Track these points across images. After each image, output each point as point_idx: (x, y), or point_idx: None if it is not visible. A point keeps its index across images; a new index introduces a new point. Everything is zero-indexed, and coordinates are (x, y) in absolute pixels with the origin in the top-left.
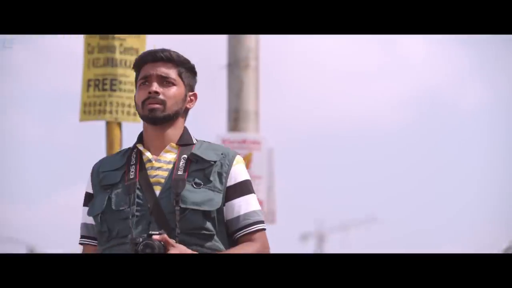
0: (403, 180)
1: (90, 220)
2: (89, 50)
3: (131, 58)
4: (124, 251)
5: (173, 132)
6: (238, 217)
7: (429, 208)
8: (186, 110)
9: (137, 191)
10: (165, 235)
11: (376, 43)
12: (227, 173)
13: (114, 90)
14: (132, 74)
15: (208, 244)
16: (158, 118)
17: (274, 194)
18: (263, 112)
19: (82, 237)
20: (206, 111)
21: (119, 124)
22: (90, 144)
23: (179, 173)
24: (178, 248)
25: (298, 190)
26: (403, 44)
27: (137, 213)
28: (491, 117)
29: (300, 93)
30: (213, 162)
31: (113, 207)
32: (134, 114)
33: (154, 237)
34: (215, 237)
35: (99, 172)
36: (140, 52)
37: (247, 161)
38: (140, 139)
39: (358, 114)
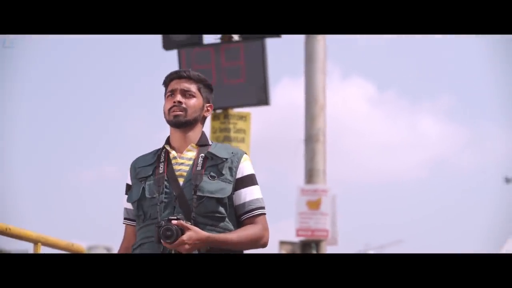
0: (422, 216)
1: (129, 206)
2: (213, 131)
3: (240, 136)
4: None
5: (193, 135)
6: (244, 203)
7: (443, 240)
8: (204, 118)
9: (165, 182)
10: (181, 221)
11: (402, 125)
12: (236, 168)
13: None
14: (240, 145)
15: (221, 224)
16: (181, 123)
17: (336, 226)
18: (329, 170)
19: (124, 219)
20: (290, 170)
21: None
22: None
23: (198, 168)
24: (194, 229)
25: (353, 222)
26: (422, 125)
27: (165, 200)
28: (483, 174)
29: (354, 156)
30: (225, 159)
31: (147, 195)
32: None
33: (173, 222)
34: (227, 218)
35: (135, 168)
36: (247, 131)
37: (318, 204)
38: (168, 141)
39: (392, 170)
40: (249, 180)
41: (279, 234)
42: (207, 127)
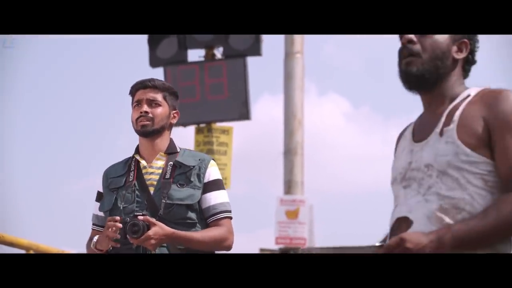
0: None
1: (100, 213)
2: (197, 144)
3: (223, 149)
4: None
5: (161, 142)
6: (209, 207)
7: None
8: (171, 125)
9: (136, 192)
10: (147, 216)
11: (378, 140)
12: (204, 173)
13: None
14: (222, 158)
15: (192, 230)
16: (148, 132)
17: (313, 234)
18: (306, 181)
19: (93, 224)
20: (269, 181)
21: None
22: None
23: (167, 177)
24: (159, 225)
25: (330, 229)
26: (395, 138)
27: (136, 209)
28: None
29: (331, 168)
30: (192, 167)
31: (119, 205)
32: (229, 188)
33: (139, 217)
34: (198, 224)
35: (107, 178)
36: (229, 144)
37: (296, 213)
38: (137, 150)
39: (367, 182)
40: (215, 185)
41: (259, 242)
42: (191, 141)
